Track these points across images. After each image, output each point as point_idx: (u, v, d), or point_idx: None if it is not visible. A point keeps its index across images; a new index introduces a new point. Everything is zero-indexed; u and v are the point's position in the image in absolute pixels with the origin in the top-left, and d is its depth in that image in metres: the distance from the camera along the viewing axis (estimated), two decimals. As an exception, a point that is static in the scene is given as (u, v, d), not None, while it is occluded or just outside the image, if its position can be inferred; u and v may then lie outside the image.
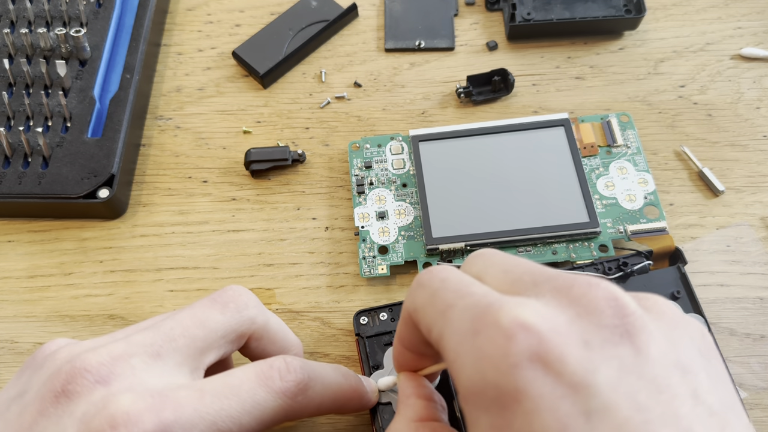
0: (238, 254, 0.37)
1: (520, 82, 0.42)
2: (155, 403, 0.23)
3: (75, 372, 0.23)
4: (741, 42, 0.42)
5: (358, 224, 0.37)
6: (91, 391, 0.23)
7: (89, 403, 0.23)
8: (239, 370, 0.25)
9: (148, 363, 0.25)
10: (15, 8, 0.43)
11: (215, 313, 0.27)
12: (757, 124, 0.39)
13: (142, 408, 0.23)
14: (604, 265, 0.33)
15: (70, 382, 0.23)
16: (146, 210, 0.39)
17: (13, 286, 0.37)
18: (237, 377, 0.25)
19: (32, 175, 0.38)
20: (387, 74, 0.43)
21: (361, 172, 0.38)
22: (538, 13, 0.42)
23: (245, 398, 0.25)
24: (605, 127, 0.38)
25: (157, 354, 0.25)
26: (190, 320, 0.26)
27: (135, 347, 0.25)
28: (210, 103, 0.42)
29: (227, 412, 0.24)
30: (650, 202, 0.36)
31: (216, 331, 0.26)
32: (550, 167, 0.37)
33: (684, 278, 0.32)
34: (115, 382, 0.24)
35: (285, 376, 0.26)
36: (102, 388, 0.23)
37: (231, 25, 0.45)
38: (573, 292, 0.20)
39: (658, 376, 0.19)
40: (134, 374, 0.24)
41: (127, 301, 0.36)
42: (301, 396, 0.26)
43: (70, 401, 0.23)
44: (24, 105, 0.40)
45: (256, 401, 0.25)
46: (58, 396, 0.23)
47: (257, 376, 0.25)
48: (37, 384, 0.24)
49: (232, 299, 0.27)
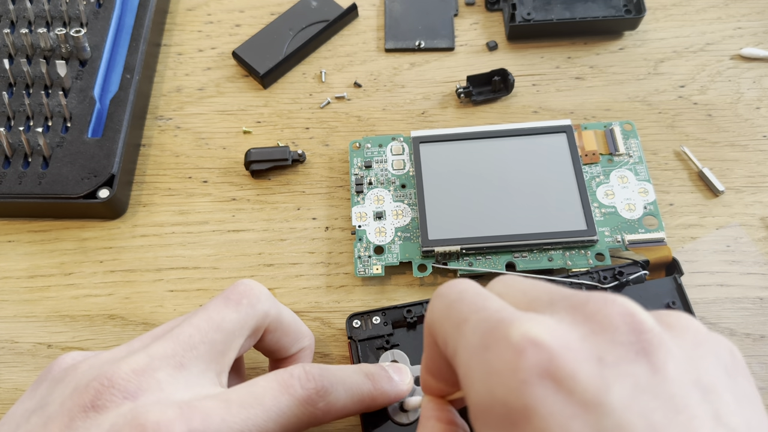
0: (238, 254, 0.37)
1: (520, 82, 0.42)
2: (184, 413, 0.23)
3: (102, 387, 0.24)
4: (741, 42, 0.42)
5: (356, 223, 0.37)
6: (119, 405, 0.24)
7: (118, 415, 0.23)
8: (261, 380, 0.26)
9: (173, 375, 0.25)
10: (15, 8, 0.43)
11: (230, 313, 0.27)
12: (757, 124, 0.39)
13: (171, 417, 0.23)
14: (599, 274, 0.32)
15: (98, 398, 0.24)
16: (146, 210, 0.39)
17: (13, 286, 0.37)
18: (260, 386, 0.25)
19: (32, 175, 0.38)
20: (387, 74, 0.43)
21: (361, 171, 0.38)
22: (538, 14, 0.42)
23: (270, 406, 0.25)
24: (608, 135, 0.38)
25: (180, 365, 0.25)
26: (206, 324, 0.26)
27: (158, 361, 0.25)
28: (210, 103, 0.42)
29: (253, 421, 0.24)
30: (650, 212, 0.36)
31: (233, 332, 0.27)
32: (551, 173, 0.36)
33: (680, 289, 0.32)
34: (142, 396, 0.24)
35: (305, 384, 0.26)
36: (130, 402, 0.24)
37: (231, 25, 0.45)
38: (587, 309, 0.20)
39: (676, 395, 0.18)
40: (161, 388, 0.24)
41: (127, 301, 0.36)
42: (323, 402, 0.26)
43: (99, 415, 0.23)
44: (24, 105, 0.40)
45: (281, 409, 0.25)
46: (86, 410, 0.24)
47: (279, 384, 0.26)
48: (60, 397, 0.25)
49: (244, 295, 0.28)
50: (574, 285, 0.32)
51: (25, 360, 0.35)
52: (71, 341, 0.35)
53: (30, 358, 0.35)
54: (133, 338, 0.27)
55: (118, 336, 0.35)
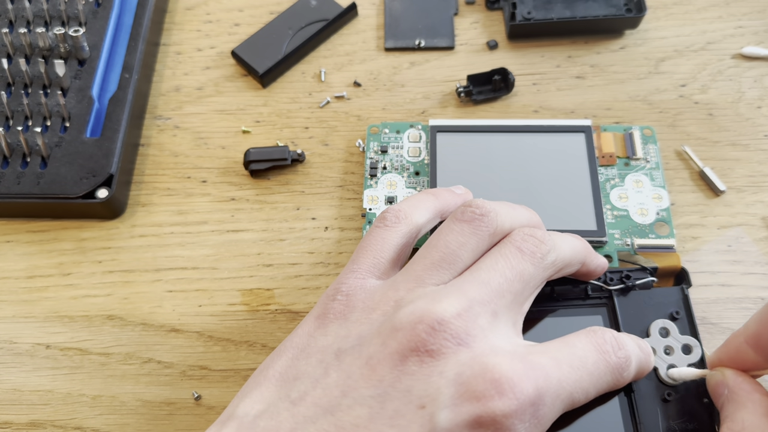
0: (237, 254, 0.37)
1: (520, 81, 0.41)
2: (527, 370, 0.23)
3: (433, 331, 0.23)
4: (742, 41, 0.42)
5: (366, 206, 0.36)
6: (456, 353, 0.23)
7: (459, 364, 0.23)
8: (575, 339, 0.26)
9: (491, 322, 0.25)
10: (13, 8, 0.43)
11: (528, 265, 0.26)
12: (758, 123, 0.39)
13: (521, 374, 0.23)
14: (606, 275, 0.32)
15: (431, 342, 0.23)
16: (145, 210, 0.39)
17: (11, 287, 0.37)
18: (580, 348, 0.25)
19: (31, 175, 0.38)
20: (387, 73, 0.43)
21: (377, 155, 0.38)
22: (539, 12, 0.42)
23: (592, 371, 0.25)
24: (627, 139, 0.38)
25: (494, 312, 0.25)
26: (511, 273, 0.26)
27: (478, 307, 0.25)
28: (209, 103, 0.42)
29: (580, 384, 0.24)
30: (662, 219, 0.35)
31: (531, 285, 0.27)
32: (565, 172, 0.36)
33: (686, 300, 0.31)
34: (473, 344, 0.24)
35: (617, 352, 0.26)
36: (465, 349, 0.23)
37: (230, 25, 0.45)
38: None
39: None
40: (485, 335, 0.24)
41: (125, 302, 0.36)
42: (626, 373, 0.26)
43: (436, 360, 0.23)
44: (22, 105, 0.39)
45: (600, 374, 0.25)
46: (419, 353, 0.23)
47: (596, 349, 0.25)
48: (379, 337, 0.24)
49: (536, 248, 0.27)
50: (579, 284, 0.31)
51: (23, 360, 0.35)
52: (70, 341, 0.35)
53: (28, 359, 0.35)
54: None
55: (117, 336, 0.35)
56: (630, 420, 0.28)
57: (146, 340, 0.35)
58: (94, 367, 0.34)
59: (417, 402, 0.23)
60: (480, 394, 0.22)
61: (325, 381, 0.24)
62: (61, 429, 0.33)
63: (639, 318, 0.30)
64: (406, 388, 0.23)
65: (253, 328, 0.35)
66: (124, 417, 0.33)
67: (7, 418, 0.33)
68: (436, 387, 0.23)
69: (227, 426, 0.24)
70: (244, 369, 0.34)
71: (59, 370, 0.34)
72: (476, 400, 0.22)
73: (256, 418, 0.24)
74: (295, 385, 0.24)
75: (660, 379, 0.29)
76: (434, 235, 0.28)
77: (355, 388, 0.23)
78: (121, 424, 0.33)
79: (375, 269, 0.28)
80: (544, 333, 0.30)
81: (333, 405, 0.23)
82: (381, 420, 0.23)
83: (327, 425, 0.23)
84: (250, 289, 0.36)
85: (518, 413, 0.22)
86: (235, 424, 0.24)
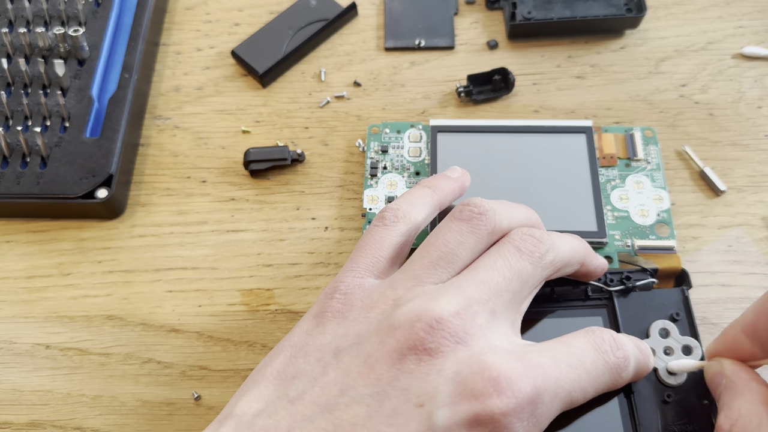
0: (237, 254, 0.37)
1: (520, 81, 0.41)
2: (526, 368, 0.23)
3: (431, 329, 0.23)
4: (742, 41, 0.42)
5: (367, 206, 0.36)
6: (455, 351, 0.23)
7: (457, 363, 0.23)
8: (574, 338, 0.26)
9: (489, 321, 0.25)
10: (13, 8, 0.43)
11: (527, 265, 0.26)
12: (758, 123, 0.39)
13: (519, 372, 0.23)
14: (606, 276, 0.32)
15: (429, 340, 0.23)
16: (145, 210, 0.39)
17: (11, 287, 0.37)
18: (578, 348, 0.25)
19: (30, 175, 0.38)
20: (387, 73, 0.42)
21: (377, 155, 0.38)
22: (539, 12, 0.42)
23: (590, 370, 0.25)
24: (628, 140, 0.38)
25: (492, 311, 0.25)
26: (509, 273, 0.26)
27: (476, 305, 0.25)
28: (209, 103, 0.42)
29: (578, 383, 0.24)
30: (663, 220, 0.35)
31: (529, 284, 0.27)
32: (566, 173, 0.36)
33: (686, 301, 0.31)
34: (471, 342, 0.24)
35: (615, 352, 0.26)
36: (463, 348, 0.23)
37: (230, 24, 0.45)
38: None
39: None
40: (483, 334, 0.24)
41: (125, 302, 0.36)
42: (624, 373, 0.26)
43: (434, 359, 0.23)
44: (22, 105, 0.39)
45: (598, 374, 0.25)
46: (417, 352, 0.23)
47: (594, 348, 0.25)
48: (377, 335, 0.24)
49: (535, 247, 0.27)
50: (579, 285, 0.31)
51: (23, 360, 0.35)
52: (69, 342, 0.35)
53: (28, 359, 0.35)
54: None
55: (117, 337, 0.35)
56: (629, 421, 0.28)
57: (146, 341, 0.35)
58: (94, 368, 0.34)
59: (415, 400, 0.23)
60: (478, 393, 0.22)
61: (324, 380, 0.24)
62: (60, 429, 0.33)
63: (639, 319, 0.30)
64: (404, 387, 0.23)
65: (253, 328, 0.35)
66: (123, 417, 0.33)
67: (6, 418, 0.33)
68: (435, 385, 0.23)
69: (225, 425, 0.24)
70: (243, 369, 0.34)
71: (59, 370, 0.34)
72: (474, 399, 0.22)
73: (255, 417, 0.24)
74: (294, 384, 0.24)
75: (660, 381, 0.29)
76: (432, 234, 0.28)
77: (353, 386, 0.23)
78: (120, 425, 0.33)
79: (373, 268, 0.28)
80: (544, 334, 0.30)
81: (331, 404, 0.23)
82: (379, 418, 0.23)
83: (325, 424, 0.23)
84: (249, 289, 0.36)
85: (516, 412, 0.22)
86: (234, 422, 0.24)
